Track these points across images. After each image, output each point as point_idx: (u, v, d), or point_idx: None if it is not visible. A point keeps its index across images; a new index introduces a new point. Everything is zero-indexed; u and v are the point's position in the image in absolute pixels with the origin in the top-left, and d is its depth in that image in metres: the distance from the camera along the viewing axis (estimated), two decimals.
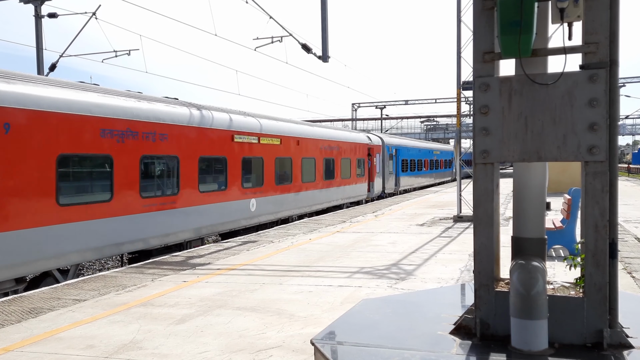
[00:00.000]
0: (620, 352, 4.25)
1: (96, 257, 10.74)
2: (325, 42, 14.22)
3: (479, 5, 4.67)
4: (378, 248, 11.69)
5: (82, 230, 10.26)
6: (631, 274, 8.61)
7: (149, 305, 7.33)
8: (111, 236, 10.93)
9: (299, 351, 5.41)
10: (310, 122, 23.66)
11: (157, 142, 12.16)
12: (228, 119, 15.27)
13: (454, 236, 13.44)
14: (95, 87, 11.39)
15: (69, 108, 10.01)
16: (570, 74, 4.38)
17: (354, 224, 16.22)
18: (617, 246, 4.42)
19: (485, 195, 4.69)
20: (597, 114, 4.30)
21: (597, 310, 4.37)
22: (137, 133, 11.56)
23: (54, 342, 5.85)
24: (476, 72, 4.70)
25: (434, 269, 9.39)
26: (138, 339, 5.89)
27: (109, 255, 11.01)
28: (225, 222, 14.86)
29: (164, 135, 12.32)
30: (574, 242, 10.43)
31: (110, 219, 10.86)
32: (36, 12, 18.60)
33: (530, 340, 4.28)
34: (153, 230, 12.06)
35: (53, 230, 9.67)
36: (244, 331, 6.09)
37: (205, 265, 10.23)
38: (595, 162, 4.33)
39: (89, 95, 10.74)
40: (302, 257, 10.80)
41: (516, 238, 5.00)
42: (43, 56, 18.57)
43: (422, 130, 74.53)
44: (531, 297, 4.26)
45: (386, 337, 4.76)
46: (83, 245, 10.31)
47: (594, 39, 4.32)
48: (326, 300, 7.35)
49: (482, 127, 4.64)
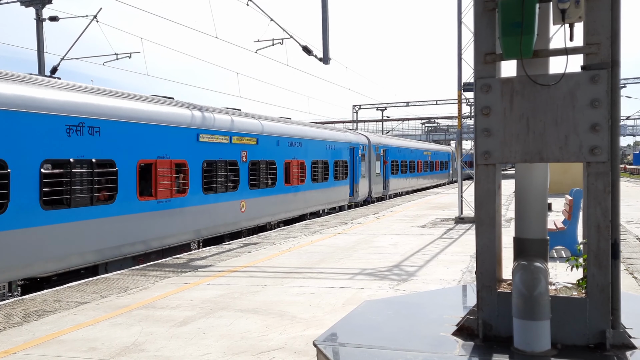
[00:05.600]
0: (623, 352, 4.25)
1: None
2: (326, 44, 14.23)
3: (480, 7, 4.68)
4: (380, 249, 11.68)
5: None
6: (633, 275, 8.60)
7: (151, 307, 7.33)
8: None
9: (301, 353, 5.41)
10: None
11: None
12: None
13: (455, 237, 13.43)
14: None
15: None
16: (572, 75, 4.38)
17: (356, 226, 16.21)
18: (619, 247, 4.42)
19: (487, 196, 4.69)
20: (599, 114, 4.30)
21: (600, 310, 4.36)
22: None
23: (56, 345, 5.85)
24: (477, 73, 4.70)
25: (435, 270, 9.38)
26: (140, 342, 5.89)
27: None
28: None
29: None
30: (575, 242, 10.42)
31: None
32: (37, 15, 18.63)
33: (533, 341, 4.28)
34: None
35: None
36: (246, 333, 6.09)
37: (207, 267, 10.22)
38: (597, 163, 4.33)
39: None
40: (303, 258, 10.79)
41: (518, 239, 5.00)
42: (44, 59, 18.58)
43: (423, 132, 74.53)
44: (534, 298, 4.25)
45: (389, 338, 4.76)
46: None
47: (595, 39, 4.32)
48: (328, 302, 7.35)
49: (483, 128, 4.65)
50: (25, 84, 9.73)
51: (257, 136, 16.90)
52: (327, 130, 23.92)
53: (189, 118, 13.71)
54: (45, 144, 9.68)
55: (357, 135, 27.47)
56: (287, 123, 19.67)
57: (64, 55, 19.38)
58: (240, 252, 11.84)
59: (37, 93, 9.78)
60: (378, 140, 29.88)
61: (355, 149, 25.62)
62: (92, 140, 10.65)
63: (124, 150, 11.38)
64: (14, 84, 9.47)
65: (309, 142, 20.68)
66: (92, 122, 10.69)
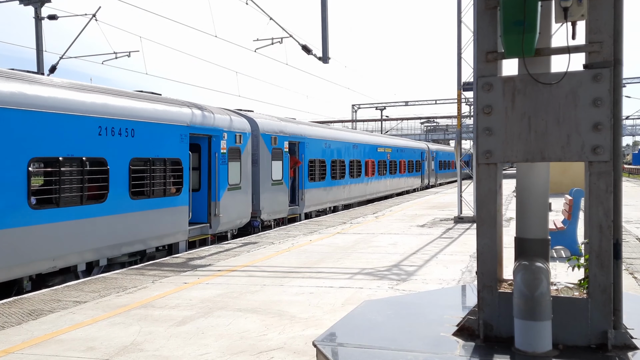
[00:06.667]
0: (625, 353, 4.23)
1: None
2: (325, 43, 14.20)
3: (481, 5, 4.65)
4: (379, 249, 11.66)
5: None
6: (633, 275, 8.59)
7: (150, 307, 7.30)
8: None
9: (300, 353, 5.38)
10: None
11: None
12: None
13: (454, 237, 13.41)
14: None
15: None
16: (574, 74, 4.35)
17: (355, 225, 16.19)
18: (621, 247, 4.40)
19: (489, 195, 4.67)
20: (601, 113, 4.27)
21: (602, 311, 4.34)
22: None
23: (55, 344, 5.82)
24: (479, 72, 4.67)
25: (435, 270, 9.36)
26: (139, 341, 5.85)
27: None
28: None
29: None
30: (575, 242, 10.41)
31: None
32: (36, 14, 18.58)
33: (534, 341, 4.25)
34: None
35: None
36: (245, 333, 6.06)
37: (206, 266, 10.19)
38: (599, 162, 4.30)
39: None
40: (302, 258, 10.76)
41: (519, 239, 4.97)
42: (43, 58, 18.54)
43: (422, 132, 74.55)
44: (535, 298, 4.23)
45: (388, 338, 4.73)
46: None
47: (597, 38, 4.29)
48: (327, 302, 7.32)
49: (485, 127, 4.62)
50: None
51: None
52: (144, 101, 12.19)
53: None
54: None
55: (224, 115, 14.90)
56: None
57: (63, 54, 19.33)
58: (239, 252, 11.81)
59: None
60: (274, 126, 17.89)
61: (215, 139, 14.23)
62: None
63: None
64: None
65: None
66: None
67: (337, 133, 24.40)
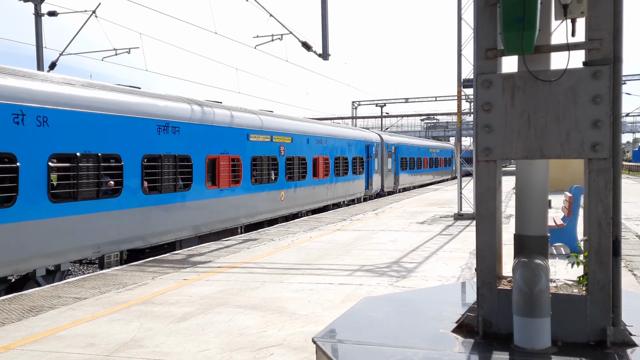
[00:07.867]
0: (623, 350, 4.23)
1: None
2: (325, 40, 14.18)
3: (481, 2, 4.64)
4: (379, 246, 11.67)
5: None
6: (632, 272, 8.60)
7: (150, 303, 7.31)
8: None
9: (300, 349, 5.39)
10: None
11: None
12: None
13: (454, 234, 13.42)
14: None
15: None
16: (574, 71, 4.35)
17: (355, 222, 16.20)
18: (620, 244, 4.40)
19: (488, 193, 4.67)
20: (600, 110, 4.27)
21: (601, 308, 4.34)
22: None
23: (55, 341, 5.83)
24: (478, 69, 4.67)
25: (434, 266, 9.37)
26: (139, 337, 5.87)
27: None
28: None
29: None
30: (575, 239, 10.42)
31: None
32: (36, 10, 18.55)
33: (533, 338, 4.26)
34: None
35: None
36: (244, 329, 6.07)
37: (206, 263, 10.21)
38: (598, 160, 4.30)
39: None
40: (302, 255, 10.78)
41: (519, 236, 4.97)
42: (43, 54, 18.52)
43: (422, 128, 74.50)
44: (534, 295, 4.23)
45: (388, 335, 4.74)
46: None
47: (597, 35, 4.29)
48: (327, 298, 7.33)
49: (484, 124, 4.61)
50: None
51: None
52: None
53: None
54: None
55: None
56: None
57: (62, 51, 19.32)
58: (239, 248, 11.82)
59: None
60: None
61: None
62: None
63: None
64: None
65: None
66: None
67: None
